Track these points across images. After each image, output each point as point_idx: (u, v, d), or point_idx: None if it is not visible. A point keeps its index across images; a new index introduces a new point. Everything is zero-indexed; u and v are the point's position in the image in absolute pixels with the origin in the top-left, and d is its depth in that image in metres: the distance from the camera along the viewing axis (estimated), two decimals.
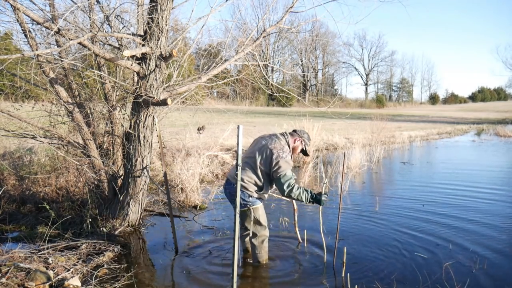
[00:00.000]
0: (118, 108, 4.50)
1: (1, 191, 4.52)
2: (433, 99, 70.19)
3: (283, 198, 4.34)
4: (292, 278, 3.38)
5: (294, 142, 3.55)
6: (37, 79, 4.44)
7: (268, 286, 3.28)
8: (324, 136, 12.21)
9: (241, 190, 3.29)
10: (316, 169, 8.07)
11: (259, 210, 3.43)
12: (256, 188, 3.39)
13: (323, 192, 3.43)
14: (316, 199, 3.37)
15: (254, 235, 3.48)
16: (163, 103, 3.67)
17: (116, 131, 4.46)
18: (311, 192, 3.38)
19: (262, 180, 3.38)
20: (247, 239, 3.63)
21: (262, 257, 3.54)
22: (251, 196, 3.36)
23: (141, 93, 3.81)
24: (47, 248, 3.52)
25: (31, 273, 3.00)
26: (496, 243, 4.18)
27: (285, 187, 3.30)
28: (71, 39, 3.14)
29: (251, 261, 3.62)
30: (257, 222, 3.43)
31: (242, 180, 3.32)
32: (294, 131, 3.65)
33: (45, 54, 3.66)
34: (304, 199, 3.35)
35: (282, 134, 3.53)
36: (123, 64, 3.71)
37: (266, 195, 3.56)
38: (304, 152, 3.65)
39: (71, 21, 3.33)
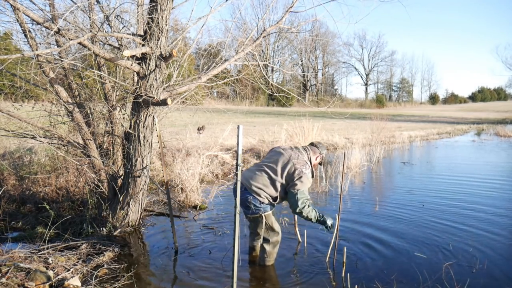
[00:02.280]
0: (118, 108, 4.50)
1: (1, 191, 4.52)
2: (433, 99, 70.21)
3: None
4: (292, 278, 3.38)
5: (316, 159, 3.57)
6: (37, 79, 4.44)
7: (268, 286, 3.28)
8: (324, 136, 12.20)
9: (253, 196, 3.31)
10: (316, 169, 8.06)
11: (271, 217, 3.42)
12: (269, 199, 3.37)
13: (336, 222, 3.50)
14: (323, 220, 3.38)
15: (267, 240, 3.48)
16: (163, 103, 3.67)
17: (116, 131, 4.46)
18: (320, 213, 3.41)
19: (278, 192, 3.37)
20: (258, 238, 3.59)
21: (270, 261, 3.56)
22: (262, 203, 3.34)
23: (141, 93, 3.81)
24: (47, 248, 3.52)
25: (31, 273, 3.00)
26: (497, 242, 4.19)
27: (299, 203, 3.27)
28: (71, 39, 3.14)
29: (256, 262, 3.62)
30: (270, 228, 3.43)
31: (256, 186, 3.32)
32: (313, 144, 3.64)
33: (45, 54, 3.65)
34: (313, 218, 3.35)
35: (305, 149, 3.53)
36: (123, 64, 3.70)
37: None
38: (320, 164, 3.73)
39: (71, 21, 3.33)
